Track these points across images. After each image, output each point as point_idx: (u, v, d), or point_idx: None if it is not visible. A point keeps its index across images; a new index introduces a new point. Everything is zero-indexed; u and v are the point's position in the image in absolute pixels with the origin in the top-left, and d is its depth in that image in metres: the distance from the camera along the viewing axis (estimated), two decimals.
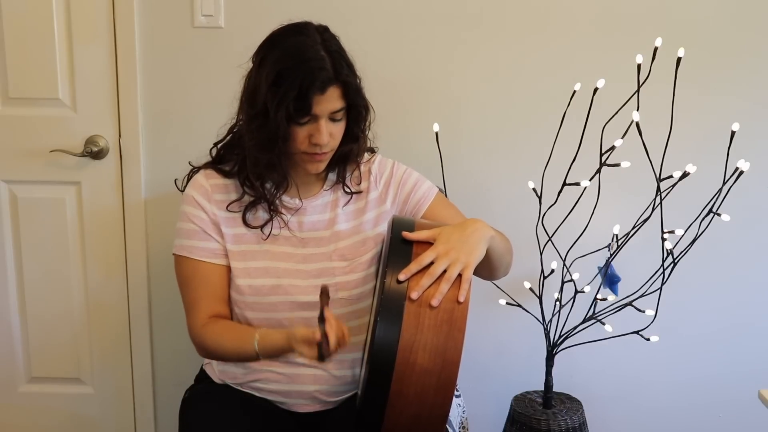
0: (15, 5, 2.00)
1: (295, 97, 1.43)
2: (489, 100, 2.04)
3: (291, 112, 1.44)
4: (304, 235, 1.60)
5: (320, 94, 1.44)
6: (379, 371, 1.27)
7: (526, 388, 2.13)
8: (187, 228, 1.58)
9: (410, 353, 1.27)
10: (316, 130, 1.47)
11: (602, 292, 1.98)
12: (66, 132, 2.06)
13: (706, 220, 1.86)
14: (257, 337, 1.46)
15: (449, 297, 1.31)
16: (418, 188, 1.66)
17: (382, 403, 1.28)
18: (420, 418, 1.30)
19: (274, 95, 1.44)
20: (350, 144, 1.57)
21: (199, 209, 1.58)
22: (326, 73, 1.44)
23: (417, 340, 1.27)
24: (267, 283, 1.56)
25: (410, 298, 1.29)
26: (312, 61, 1.43)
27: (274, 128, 1.45)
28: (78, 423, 2.25)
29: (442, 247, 1.37)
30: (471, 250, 1.38)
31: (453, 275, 1.33)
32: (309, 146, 1.49)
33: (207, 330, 1.55)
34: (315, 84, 1.42)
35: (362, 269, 1.58)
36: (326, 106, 1.46)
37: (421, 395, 1.28)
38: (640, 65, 1.79)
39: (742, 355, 2.14)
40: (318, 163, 1.54)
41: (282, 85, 1.43)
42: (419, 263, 1.34)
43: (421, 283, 1.32)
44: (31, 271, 2.15)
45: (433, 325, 1.28)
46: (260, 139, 1.49)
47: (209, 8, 2.00)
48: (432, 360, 1.27)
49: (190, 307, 1.58)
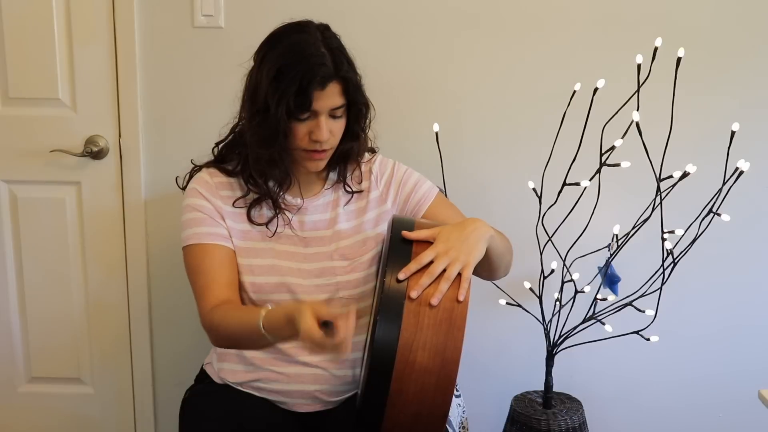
0: (15, 5, 2.00)
1: (296, 93, 1.43)
2: (489, 100, 2.04)
3: (291, 107, 1.44)
4: (305, 234, 1.60)
5: (320, 89, 1.44)
6: (378, 370, 1.27)
7: (526, 388, 2.13)
8: (193, 217, 1.57)
9: (410, 352, 1.27)
10: (316, 126, 1.47)
11: (602, 292, 1.98)
12: (66, 132, 2.06)
13: (706, 220, 1.86)
14: (263, 313, 1.38)
15: (449, 296, 1.31)
16: (418, 188, 1.66)
17: (382, 402, 1.28)
18: (420, 416, 1.30)
19: (274, 91, 1.44)
20: (350, 142, 1.58)
21: (204, 200, 1.57)
22: (326, 69, 1.44)
23: (417, 339, 1.27)
24: (271, 281, 1.56)
25: (410, 297, 1.29)
26: (312, 57, 1.44)
27: (274, 124, 1.46)
28: (78, 423, 2.24)
29: (442, 246, 1.37)
30: (470, 249, 1.38)
31: (452, 274, 1.33)
32: (309, 143, 1.50)
33: (215, 312, 1.49)
34: (315, 79, 1.43)
35: (363, 269, 1.59)
36: (326, 102, 1.46)
37: (421, 394, 1.28)
38: (640, 65, 1.79)
39: (742, 355, 2.14)
40: (318, 161, 1.54)
41: (282, 81, 1.44)
42: (419, 262, 1.34)
43: (421, 282, 1.31)
44: (31, 271, 2.15)
45: (432, 324, 1.28)
46: (261, 135, 1.49)
47: (209, 8, 2.00)
48: (432, 359, 1.27)
49: (200, 293, 1.53)
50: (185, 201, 1.60)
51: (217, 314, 1.49)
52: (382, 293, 1.30)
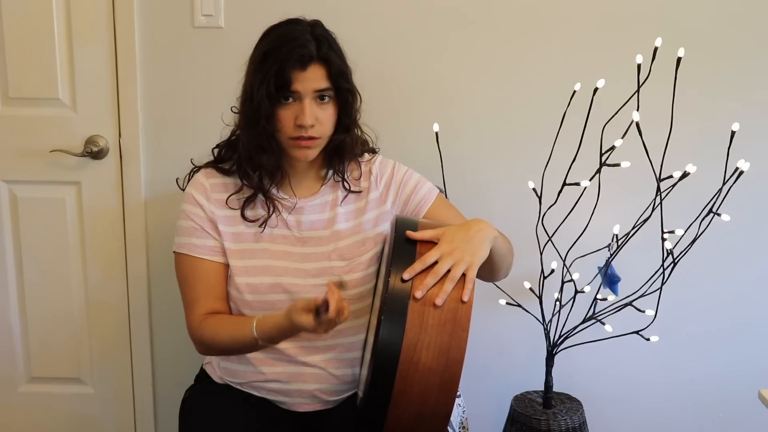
0: (15, 5, 2.00)
1: (276, 73, 1.45)
2: (489, 100, 2.04)
3: (272, 89, 1.46)
4: (303, 234, 1.60)
5: (301, 70, 1.46)
6: (382, 370, 1.27)
7: (526, 388, 2.13)
8: (186, 226, 1.59)
9: (414, 352, 1.27)
10: (300, 110, 1.48)
11: (602, 292, 1.98)
12: (66, 132, 2.06)
13: (706, 220, 1.86)
14: (254, 323, 1.46)
15: (453, 296, 1.31)
16: (419, 189, 1.66)
17: (386, 401, 1.28)
18: (423, 416, 1.30)
19: (257, 74, 1.48)
20: (341, 134, 1.57)
21: (198, 207, 1.59)
22: (307, 51, 1.46)
23: (421, 339, 1.27)
24: (266, 281, 1.56)
25: (414, 297, 1.29)
26: (296, 40, 1.46)
27: (257, 106, 1.48)
28: (78, 423, 2.25)
29: (446, 246, 1.36)
30: (475, 250, 1.38)
31: (457, 275, 1.33)
32: (295, 129, 1.50)
33: (204, 325, 1.55)
34: (294, 58, 1.45)
35: (361, 269, 1.59)
36: (309, 84, 1.47)
37: (425, 394, 1.28)
38: (640, 65, 1.79)
39: (742, 355, 2.14)
40: (306, 150, 1.53)
41: (265, 64, 1.47)
42: (423, 262, 1.34)
43: (425, 282, 1.31)
44: (31, 271, 2.15)
45: (436, 325, 1.28)
46: (247, 119, 1.52)
47: (209, 8, 2.00)
48: (436, 359, 1.27)
49: (188, 304, 1.59)
50: (182, 205, 1.62)
51: (206, 329, 1.55)
52: (386, 293, 1.30)
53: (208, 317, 1.56)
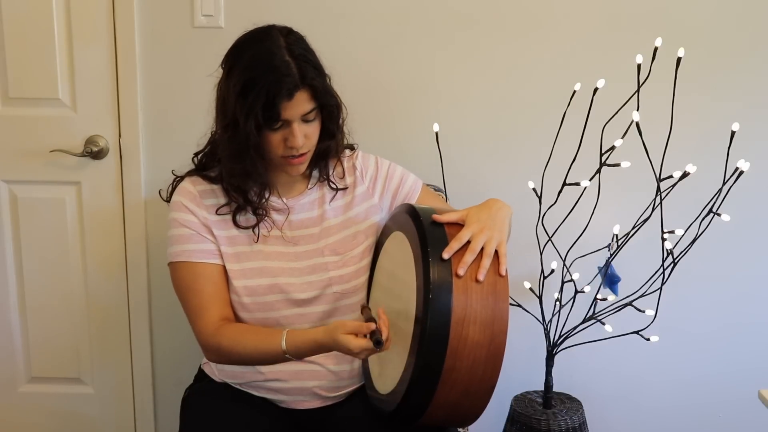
0: (15, 5, 2.00)
1: (263, 106, 1.43)
2: (489, 100, 2.04)
3: (261, 121, 1.44)
4: (294, 233, 1.61)
5: (288, 100, 1.44)
6: (432, 348, 1.30)
7: (526, 388, 2.13)
8: (179, 233, 1.57)
9: (462, 327, 1.31)
10: (290, 134, 1.47)
11: (602, 292, 1.98)
12: (66, 132, 2.06)
13: (706, 220, 1.86)
14: (284, 335, 1.44)
15: (490, 271, 1.37)
16: (405, 181, 1.68)
17: (435, 379, 1.31)
18: (468, 392, 1.34)
19: (242, 106, 1.44)
20: (328, 141, 1.58)
21: (189, 213, 1.57)
22: (292, 80, 1.43)
23: (468, 315, 1.32)
24: (263, 282, 1.56)
25: (457, 275, 1.34)
26: (277, 68, 1.43)
27: (244, 138, 1.46)
28: (78, 423, 2.25)
29: (476, 225, 1.42)
30: (501, 227, 1.45)
31: (491, 250, 1.38)
32: (285, 149, 1.50)
33: (222, 333, 1.51)
34: (282, 92, 1.42)
35: (354, 262, 1.60)
36: (296, 110, 1.46)
37: (472, 368, 1.32)
38: (640, 65, 1.79)
39: (742, 354, 2.14)
40: (298, 166, 1.54)
41: (249, 96, 1.43)
42: (459, 241, 1.38)
43: (465, 260, 1.36)
44: (31, 271, 2.15)
45: (480, 299, 1.33)
46: (232, 150, 1.49)
47: (209, 8, 2.00)
48: (482, 332, 1.32)
49: (197, 313, 1.54)
50: (171, 215, 1.59)
51: (226, 336, 1.50)
52: (427, 273, 1.33)
53: (225, 324, 1.53)
